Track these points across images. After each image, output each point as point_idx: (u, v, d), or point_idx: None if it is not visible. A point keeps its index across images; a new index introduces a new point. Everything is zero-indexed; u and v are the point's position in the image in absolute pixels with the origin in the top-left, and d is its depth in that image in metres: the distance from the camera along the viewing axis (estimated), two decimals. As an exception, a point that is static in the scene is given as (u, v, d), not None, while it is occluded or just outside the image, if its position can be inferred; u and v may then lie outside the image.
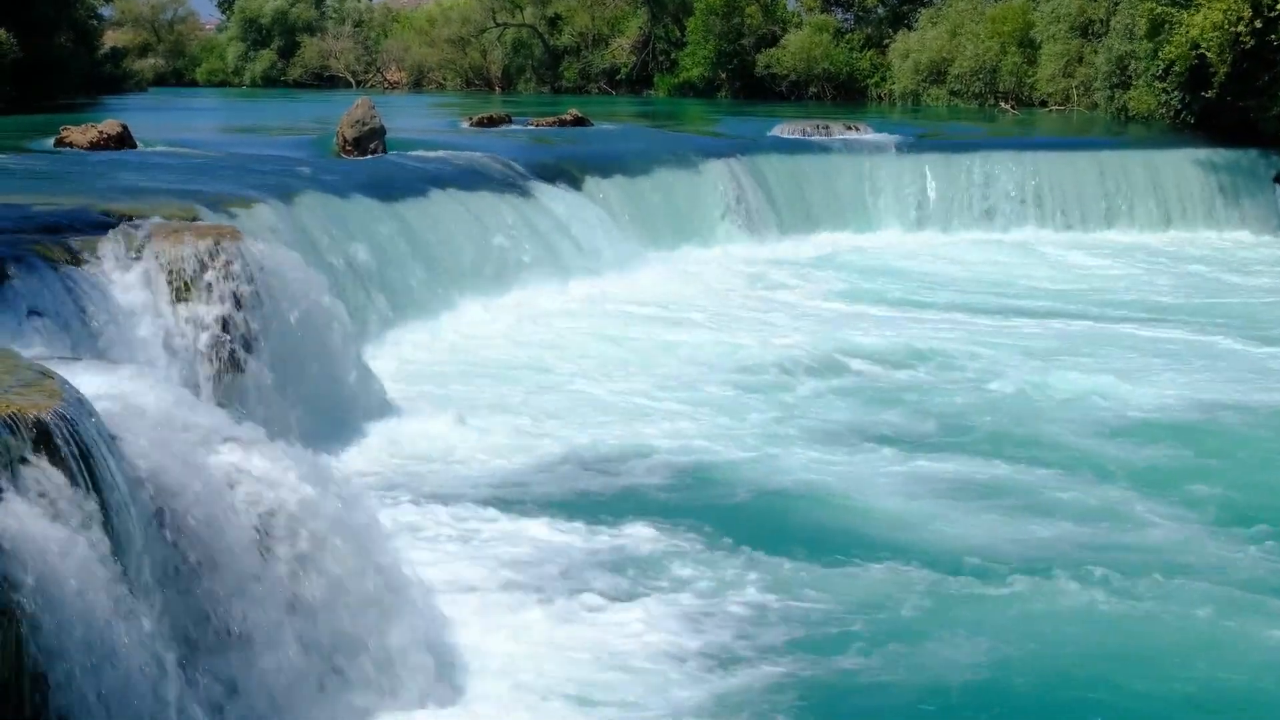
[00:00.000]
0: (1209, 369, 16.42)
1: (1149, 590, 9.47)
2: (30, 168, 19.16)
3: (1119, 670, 8.39)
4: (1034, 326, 19.11)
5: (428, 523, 10.78)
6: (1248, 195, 29.86)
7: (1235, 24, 28.95)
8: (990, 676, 8.28)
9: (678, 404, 14.43)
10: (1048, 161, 29.85)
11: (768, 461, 12.46)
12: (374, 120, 24.24)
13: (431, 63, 71.57)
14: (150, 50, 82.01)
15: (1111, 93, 38.66)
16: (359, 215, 18.11)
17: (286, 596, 7.51)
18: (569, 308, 19.46)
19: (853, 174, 28.88)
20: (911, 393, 15.04)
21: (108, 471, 6.63)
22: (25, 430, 6.23)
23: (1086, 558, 10.03)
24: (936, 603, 9.34)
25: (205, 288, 11.68)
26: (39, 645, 5.85)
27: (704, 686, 8.16)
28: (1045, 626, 8.99)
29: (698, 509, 11.15)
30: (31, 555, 5.85)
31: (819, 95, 54.17)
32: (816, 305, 20.67)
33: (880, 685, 8.21)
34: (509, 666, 8.32)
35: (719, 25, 56.22)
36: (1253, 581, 9.68)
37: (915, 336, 17.73)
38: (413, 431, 13.10)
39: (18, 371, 7.18)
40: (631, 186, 25.02)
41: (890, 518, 11.06)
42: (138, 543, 6.71)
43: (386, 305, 17.01)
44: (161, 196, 14.84)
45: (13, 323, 9.97)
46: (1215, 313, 20.48)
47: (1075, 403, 14.62)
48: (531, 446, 12.78)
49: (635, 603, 9.31)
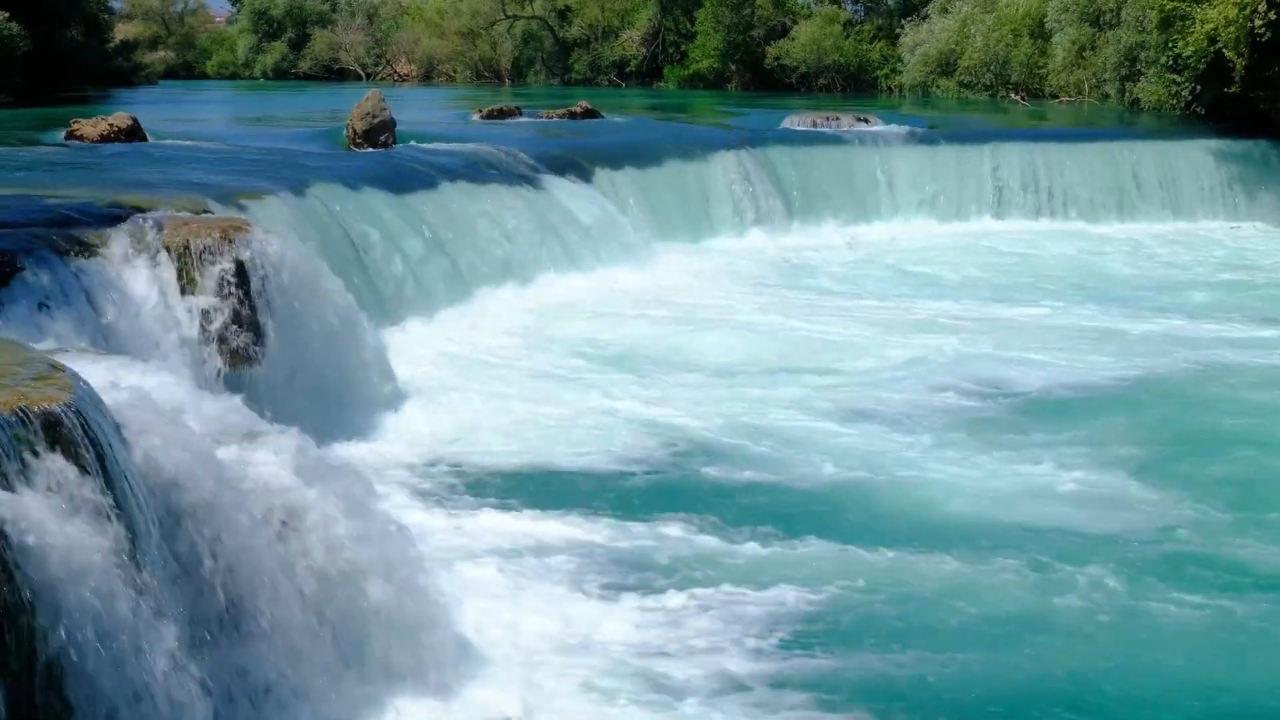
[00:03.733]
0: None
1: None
2: (41, 160, 19.16)
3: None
4: (1044, 315, 19.11)
5: (440, 511, 10.82)
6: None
7: (1251, 17, 28.79)
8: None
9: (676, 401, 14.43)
10: (1068, 153, 29.71)
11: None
12: (384, 113, 24.20)
13: (441, 55, 71.48)
14: (160, 43, 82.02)
15: (1122, 84, 38.52)
16: (369, 207, 18.09)
17: (298, 586, 7.50)
18: (578, 299, 19.42)
19: (864, 165, 28.77)
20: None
21: (118, 464, 6.62)
22: (36, 423, 6.23)
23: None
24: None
25: (215, 280, 11.67)
26: (51, 636, 5.85)
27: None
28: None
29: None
30: (43, 547, 5.85)
31: (829, 87, 54.03)
32: (833, 298, 20.66)
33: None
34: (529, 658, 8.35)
35: (729, 17, 56.09)
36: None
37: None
38: (424, 421, 13.10)
39: (29, 364, 7.18)
40: (642, 178, 24.96)
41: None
42: (149, 535, 6.70)
43: (396, 297, 17.00)
44: (171, 189, 14.84)
45: (24, 315, 9.98)
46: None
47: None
48: (537, 435, 12.79)
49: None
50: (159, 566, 6.71)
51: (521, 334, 17.26)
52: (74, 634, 5.92)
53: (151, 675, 6.28)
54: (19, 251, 10.62)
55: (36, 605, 5.78)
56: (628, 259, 21.67)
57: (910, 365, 15.83)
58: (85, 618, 5.96)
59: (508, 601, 9.13)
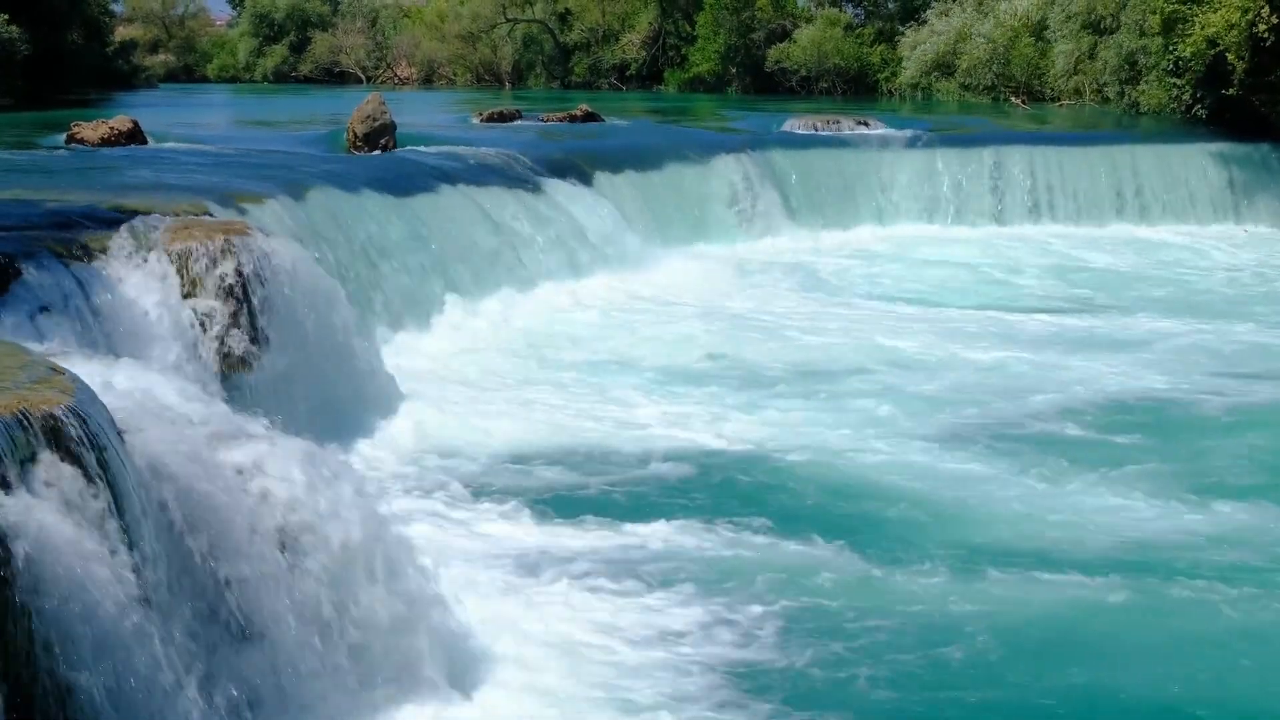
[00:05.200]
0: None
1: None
2: (41, 164, 19.17)
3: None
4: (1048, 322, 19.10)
5: (439, 513, 10.83)
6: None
7: (1253, 20, 28.77)
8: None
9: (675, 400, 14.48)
10: (1067, 156, 29.72)
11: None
12: (384, 116, 24.23)
13: (442, 58, 71.55)
14: (161, 46, 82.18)
15: (1122, 88, 38.53)
16: (369, 211, 18.09)
17: (300, 591, 7.50)
18: (578, 303, 19.42)
19: (865, 168, 28.77)
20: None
21: (119, 467, 6.62)
22: (36, 426, 6.22)
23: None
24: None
25: (215, 283, 11.67)
26: (50, 640, 5.84)
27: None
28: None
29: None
30: (43, 551, 5.84)
31: (829, 90, 54.01)
32: (831, 301, 20.66)
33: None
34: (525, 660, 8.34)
35: (729, 20, 56.10)
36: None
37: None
38: (423, 425, 13.09)
39: (29, 367, 7.17)
40: (643, 181, 24.97)
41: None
42: (149, 538, 6.70)
43: (396, 300, 16.99)
44: (172, 192, 14.84)
45: (24, 318, 9.98)
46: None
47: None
48: (537, 439, 12.80)
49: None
50: (159, 569, 6.71)
51: (521, 338, 17.26)
52: (74, 636, 5.91)
53: (151, 676, 6.27)
54: (19, 255, 10.61)
55: (36, 608, 5.78)
56: (628, 263, 21.65)
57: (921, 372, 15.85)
58: (85, 620, 5.95)
59: (509, 603, 9.14)
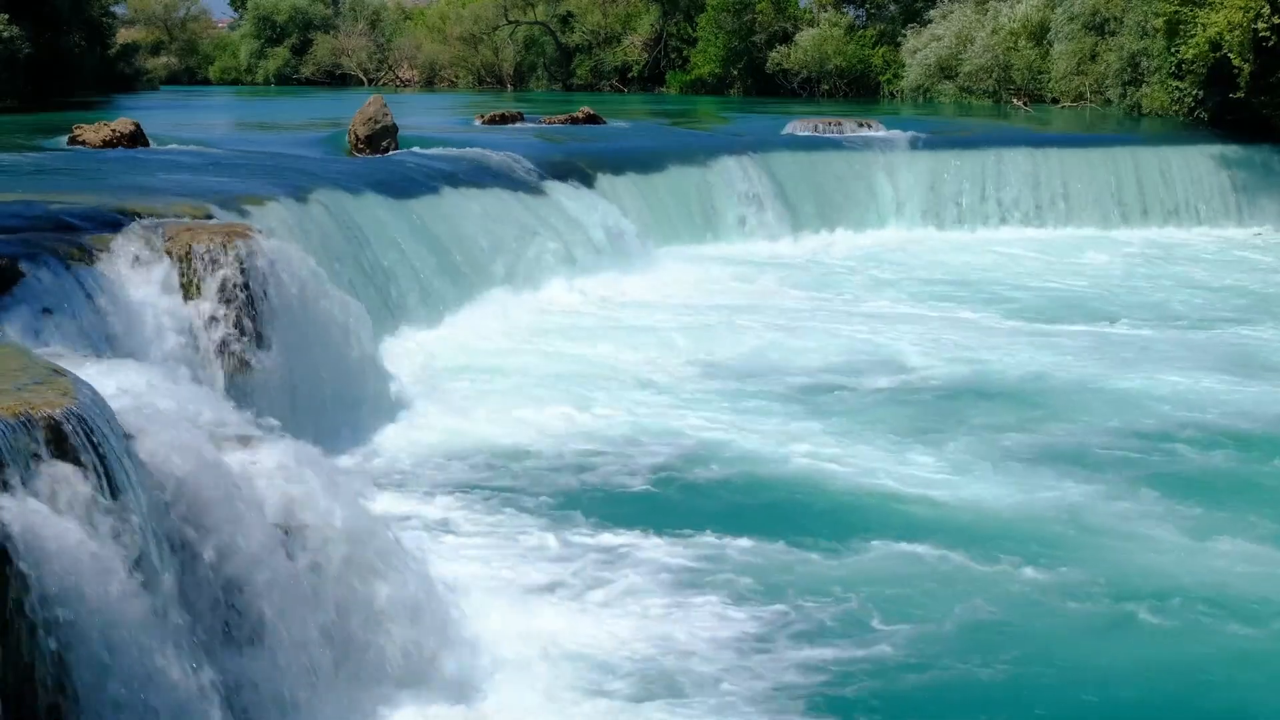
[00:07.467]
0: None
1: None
2: (43, 166, 19.19)
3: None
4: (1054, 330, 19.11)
5: (440, 514, 10.82)
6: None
7: (1256, 22, 28.75)
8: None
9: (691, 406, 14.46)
10: (1069, 158, 29.72)
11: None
12: (386, 118, 24.27)
13: (443, 60, 71.66)
14: (163, 48, 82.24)
15: (1124, 90, 38.54)
16: (371, 213, 18.10)
17: (301, 591, 7.51)
18: (579, 305, 19.42)
19: (867, 170, 28.77)
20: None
21: (121, 469, 6.62)
22: (38, 428, 6.23)
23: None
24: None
25: (217, 286, 11.68)
26: (54, 641, 5.85)
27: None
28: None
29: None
30: (46, 553, 5.85)
31: (831, 92, 54.06)
32: (831, 302, 20.67)
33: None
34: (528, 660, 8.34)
35: (730, 22, 56.15)
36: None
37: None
38: (424, 427, 13.10)
39: (31, 369, 7.18)
40: (645, 184, 24.98)
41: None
42: (152, 540, 6.70)
43: (397, 303, 17.00)
44: (174, 194, 14.84)
45: (27, 320, 9.99)
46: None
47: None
48: (538, 440, 12.81)
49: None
50: (162, 570, 6.71)
51: (523, 340, 17.25)
52: (77, 637, 5.92)
53: (156, 679, 6.28)
54: (22, 257, 10.63)
55: (40, 609, 5.78)
56: (630, 265, 21.65)
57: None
58: (89, 622, 5.96)
59: (510, 604, 9.13)
